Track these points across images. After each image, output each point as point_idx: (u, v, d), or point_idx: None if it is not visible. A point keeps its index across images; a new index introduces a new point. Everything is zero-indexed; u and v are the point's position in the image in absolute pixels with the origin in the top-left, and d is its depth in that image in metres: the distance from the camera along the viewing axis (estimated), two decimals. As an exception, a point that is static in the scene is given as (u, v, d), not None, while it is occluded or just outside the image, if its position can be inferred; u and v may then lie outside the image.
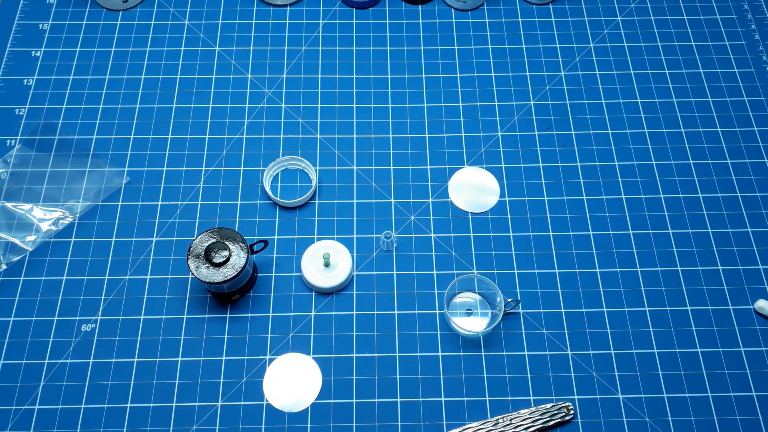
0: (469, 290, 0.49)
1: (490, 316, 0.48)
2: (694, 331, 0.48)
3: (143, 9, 0.62)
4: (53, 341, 0.47)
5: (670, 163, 0.55)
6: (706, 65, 0.60)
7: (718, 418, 0.45)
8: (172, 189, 0.53)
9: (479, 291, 0.49)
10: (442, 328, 0.48)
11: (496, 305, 0.47)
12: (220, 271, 0.44)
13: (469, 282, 0.49)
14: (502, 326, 0.48)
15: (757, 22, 0.62)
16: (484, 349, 0.47)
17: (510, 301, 0.47)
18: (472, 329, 0.47)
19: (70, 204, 0.52)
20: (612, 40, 0.61)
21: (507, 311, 0.48)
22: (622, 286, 0.50)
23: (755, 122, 0.57)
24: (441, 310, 0.48)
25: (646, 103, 0.58)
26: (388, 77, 0.58)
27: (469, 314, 0.48)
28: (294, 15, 0.62)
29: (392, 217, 0.52)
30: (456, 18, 0.62)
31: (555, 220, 0.52)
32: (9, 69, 0.58)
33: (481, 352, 0.47)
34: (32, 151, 0.54)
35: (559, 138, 0.56)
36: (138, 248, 0.50)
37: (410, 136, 0.56)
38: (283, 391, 0.45)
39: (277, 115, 0.56)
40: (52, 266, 0.49)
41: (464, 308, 0.49)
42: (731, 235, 0.52)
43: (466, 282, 0.49)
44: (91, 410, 0.45)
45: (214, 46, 0.60)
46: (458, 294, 0.49)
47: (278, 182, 0.53)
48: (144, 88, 0.57)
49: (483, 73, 0.59)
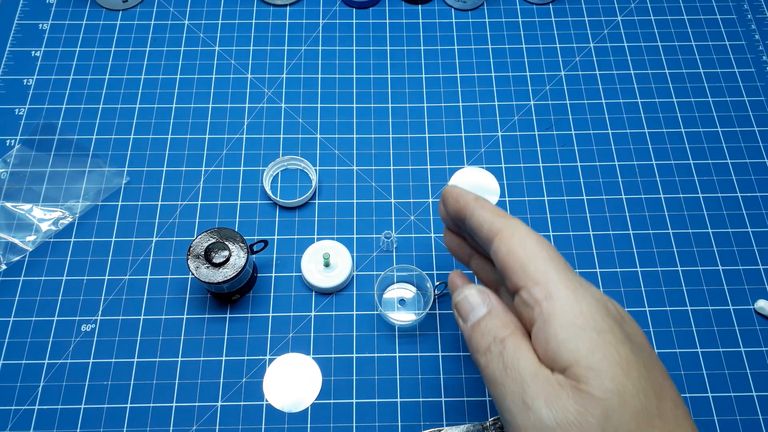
0: (401, 282, 0.49)
1: (423, 303, 0.48)
2: (694, 331, 0.48)
3: (143, 9, 0.62)
4: (53, 341, 0.47)
5: (670, 163, 0.55)
6: (706, 65, 0.60)
7: (718, 418, 0.45)
8: (171, 189, 0.53)
9: (407, 281, 0.49)
10: (443, 328, 0.48)
11: (427, 291, 0.48)
12: (220, 271, 0.44)
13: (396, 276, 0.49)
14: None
15: (757, 22, 0.62)
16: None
17: (439, 284, 0.48)
18: (408, 319, 0.47)
19: (70, 204, 0.52)
20: (612, 40, 0.61)
21: (438, 294, 0.48)
22: (622, 286, 0.50)
23: (755, 122, 0.57)
24: (376, 311, 0.48)
25: (646, 103, 0.58)
26: (388, 77, 0.58)
27: (402, 304, 0.48)
28: (294, 15, 0.62)
29: (392, 217, 0.52)
30: (456, 18, 0.62)
31: (555, 220, 0.52)
32: (9, 69, 0.58)
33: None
34: (32, 151, 0.54)
35: (559, 138, 0.56)
36: (138, 248, 0.50)
37: (410, 136, 0.56)
38: (283, 391, 0.45)
39: (277, 115, 0.56)
40: (51, 266, 0.49)
41: (397, 302, 0.49)
42: (731, 235, 0.52)
43: (389, 279, 0.49)
44: (91, 410, 0.45)
45: (213, 46, 0.60)
46: (390, 289, 0.49)
47: (278, 182, 0.53)
48: (144, 88, 0.57)
49: (483, 73, 0.59)
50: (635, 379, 0.26)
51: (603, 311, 0.28)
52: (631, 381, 0.26)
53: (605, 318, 0.27)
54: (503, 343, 0.29)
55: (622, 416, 0.25)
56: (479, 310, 0.31)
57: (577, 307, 0.27)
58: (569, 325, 0.27)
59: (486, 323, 0.30)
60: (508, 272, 0.30)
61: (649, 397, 0.26)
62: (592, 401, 0.25)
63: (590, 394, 0.25)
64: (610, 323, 0.27)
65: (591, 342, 0.26)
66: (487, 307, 0.31)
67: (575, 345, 0.26)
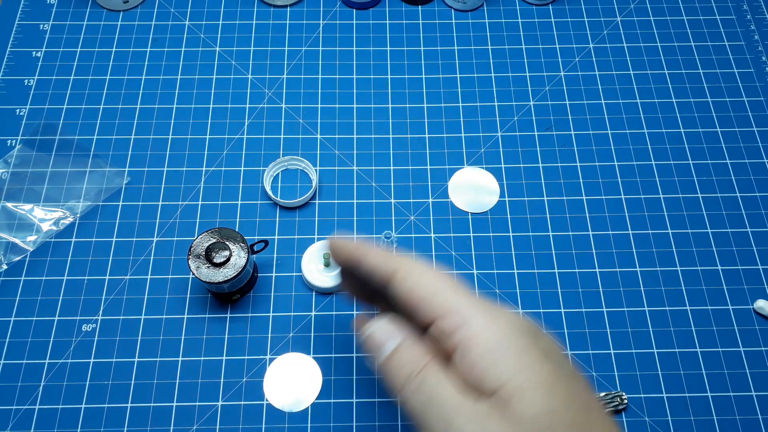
0: None
1: None
2: (694, 331, 0.48)
3: (144, 10, 0.62)
4: (54, 341, 0.47)
5: (669, 163, 0.55)
6: (705, 66, 0.60)
7: (718, 417, 0.45)
8: (172, 189, 0.53)
9: None
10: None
11: None
12: (220, 271, 0.44)
13: None
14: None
15: (756, 23, 0.62)
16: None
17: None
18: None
19: (71, 204, 0.52)
20: (611, 41, 0.61)
21: None
22: (621, 286, 0.50)
23: (754, 122, 0.57)
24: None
25: (646, 103, 0.58)
26: (388, 78, 0.59)
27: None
28: (294, 16, 0.62)
29: (392, 217, 0.52)
30: (456, 19, 0.62)
31: (554, 220, 0.52)
32: (10, 69, 0.58)
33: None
34: (33, 151, 0.54)
35: (559, 138, 0.56)
36: (138, 248, 0.50)
37: (410, 137, 0.56)
38: (284, 391, 0.45)
39: (277, 115, 0.57)
40: (52, 266, 0.50)
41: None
42: (731, 235, 0.52)
43: None
44: (91, 410, 0.45)
45: (214, 47, 0.60)
46: None
47: (278, 182, 0.54)
48: (144, 88, 0.58)
49: (483, 73, 0.59)
50: (562, 396, 0.25)
51: (520, 330, 0.27)
52: (558, 398, 0.25)
53: (523, 336, 0.27)
54: (422, 376, 0.27)
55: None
56: (391, 342, 0.29)
57: (494, 330, 0.27)
58: (489, 349, 0.26)
59: (400, 356, 0.28)
60: (414, 309, 0.29)
61: (577, 411, 0.26)
62: (521, 424, 0.25)
63: (519, 417, 0.25)
64: (528, 341, 0.27)
65: (514, 363, 0.26)
66: (399, 338, 0.29)
67: (499, 369, 0.26)
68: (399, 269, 0.30)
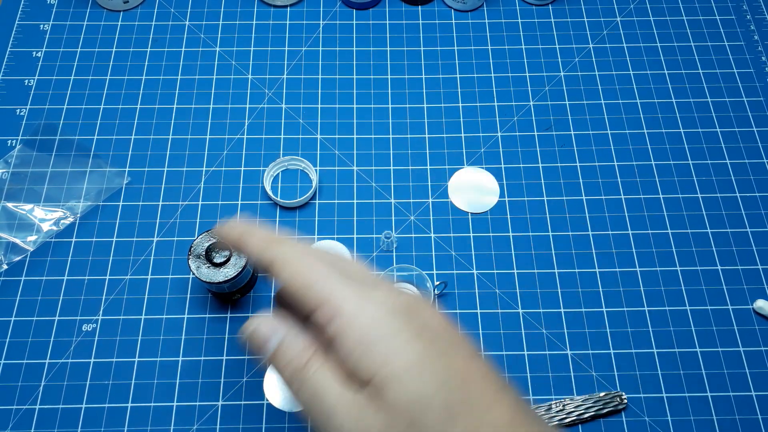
0: (401, 282, 0.49)
1: None
2: (694, 330, 0.48)
3: (144, 10, 0.62)
4: (54, 341, 0.47)
5: (669, 163, 0.55)
6: (705, 66, 0.60)
7: (718, 417, 0.45)
8: (172, 189, 0.53)
9: (407, 281, 0.49)
10: (442, 327, 0.48)
11: (427, 290, 0.48)
12: (220, 270, 0.44)
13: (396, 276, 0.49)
14: (502, 326, 0.48)
15: (756, 23, 0.62)
16: (483, 349, 0.47)
17: (438, 283, 0.48)
18: None
19: (71, 204, 0.52)
20: (611, 41, 0.61)
21: (438, 293, 0.48)
22: (621, 286, 0.50)
23: (754, 122, 0.57)
24: None
25: (645, 103, 0.58)
26: (388, 78, 0.59)
27: None
28: (294, 16, 0.62)
29: (392, 217, 0.52)
30: (456, 19, 0.62)
31: (554, 220, 0.52)
32: (10, 69, 0.58)
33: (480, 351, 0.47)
34: (33, 151, 0.54)
35: (559, 138, 0.56)
36: (139, 248, 0.50)
37: (410, 137, 0.56)
38: (284, 391, 0.45)
39: (277, 115, 0.57)
40: (52, 266, 0.50)
41: None
42: (730, 235, 0.52)
43: None
44: (91, 410, 0.45)
45: (214, 47, 0.60)
46: None
47: (278, 182, 0.54)
48: (145, 88, 0.58)
49: (482, 73, 0.59)
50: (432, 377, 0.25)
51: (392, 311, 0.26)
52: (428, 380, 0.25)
53: (396, 318, 0.26)
54: (304, 371, 0.27)
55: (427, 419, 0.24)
56: (273, 339, 0.28)
57: (366, 316, 0.26)
58: (362, 336, 0.26)
59: (283, 352, 0.28)
60: (297, 299, 0.28)
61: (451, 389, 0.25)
62: (395, 413, 0.24)
63: (392, 406, 0.24)
64: (401, 321, 0.26)
65: (385, 349, 0.25)
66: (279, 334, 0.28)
67: (371, 357, 0.25)
68: (275, 260, 0.29)
